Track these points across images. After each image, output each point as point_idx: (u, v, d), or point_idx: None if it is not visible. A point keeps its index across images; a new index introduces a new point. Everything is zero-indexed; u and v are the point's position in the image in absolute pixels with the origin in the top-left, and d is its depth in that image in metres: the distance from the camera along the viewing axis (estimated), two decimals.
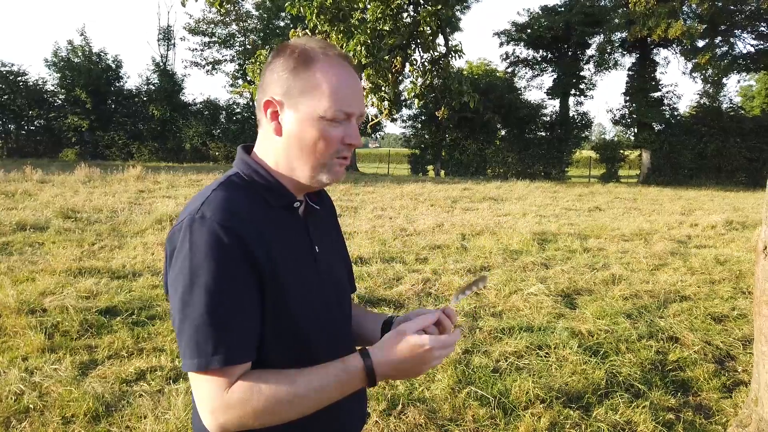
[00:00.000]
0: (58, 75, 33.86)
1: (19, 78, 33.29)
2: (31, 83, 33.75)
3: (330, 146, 1.09)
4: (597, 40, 29.54)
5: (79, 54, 34.23)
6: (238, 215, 1.03)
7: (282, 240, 1.10)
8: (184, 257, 0.99)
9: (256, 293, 1.03)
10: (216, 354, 0.97)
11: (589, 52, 30.96)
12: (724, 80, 28.55)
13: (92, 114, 33.18)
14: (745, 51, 27.16)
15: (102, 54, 34.93)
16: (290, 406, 1.01)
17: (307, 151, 1.09)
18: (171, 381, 3.55)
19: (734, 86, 47.96)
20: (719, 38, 26.63)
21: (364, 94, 7.19)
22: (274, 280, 1.05)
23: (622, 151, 29.70)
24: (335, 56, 1.09)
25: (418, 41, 7.85)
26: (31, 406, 3.15)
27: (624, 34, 26.64)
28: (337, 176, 1.14)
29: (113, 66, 35.08)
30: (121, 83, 35.56)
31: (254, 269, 1.02)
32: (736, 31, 26.26)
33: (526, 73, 32.96)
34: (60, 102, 34.31)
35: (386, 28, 7.35)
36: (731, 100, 31.30)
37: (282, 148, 1.11)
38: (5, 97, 32.98)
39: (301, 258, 1.14)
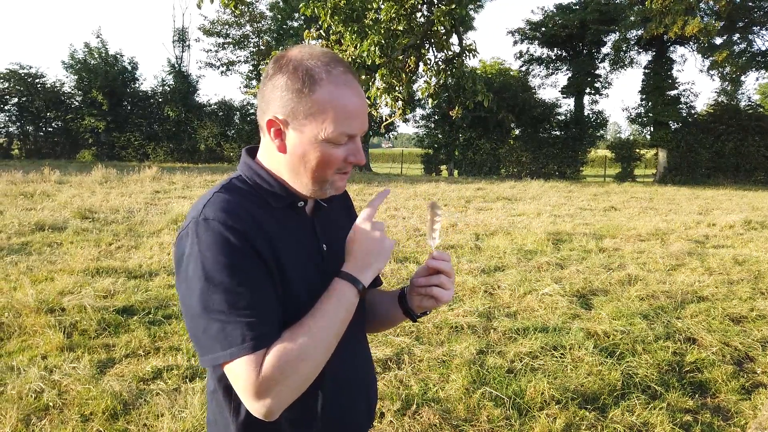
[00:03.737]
0: (75, 77, 34.32)
1: (37, 80, 33.77)
2: (49, 85, 34.23)
3: (332, 166, 1.12)
4: (612, 38, 29.26)
5: (96, 56, 34.63)
6: (239, 214, 1.06)
7: (285, 238, 1.12)
8: (195, 260, 1.02)
9: (270, 281, 1.06)
10: (245, 341, 1.00)
11: (605, 50, 30.71)
12: (743, 78, 28.12)
13: (109, 115, 33.56)
14: (763, 48, 26.91)
15: (118, 56, 35.35)
16: (315, 349, 1.04)
17: (310, 170, 1.12)
18: (187, 380, 3.58)
19: (753, 84, 47.31)
20: (737, 35, 26.25)
21: (378, 94, 7.19)
22: (279, 272, 1.08)
23: (637, 150, 29.41)
24: (339, 74, 1.09)
25: (432, 41, 7.82)
26: (50, 404, 3.19)
27: (640, 32, 26.35)
28: (339, 189, 1.17)
29: (129, 68, 35.47)
30: (137, 85, 35.98)
31: (261, 261, 1.05)
32: (754, 27, 25.86)
33: (541, 71, 32.79)
34: (77, 104, 34.74)
35: (400, 27, 7.34)
36: (750, 98, 31.11)
37: (285, 164, 1.14)
38: (24, 99, 33.49)
39: (306, 256, 1.16)
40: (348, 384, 1.23)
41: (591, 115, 31.07)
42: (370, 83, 7.42)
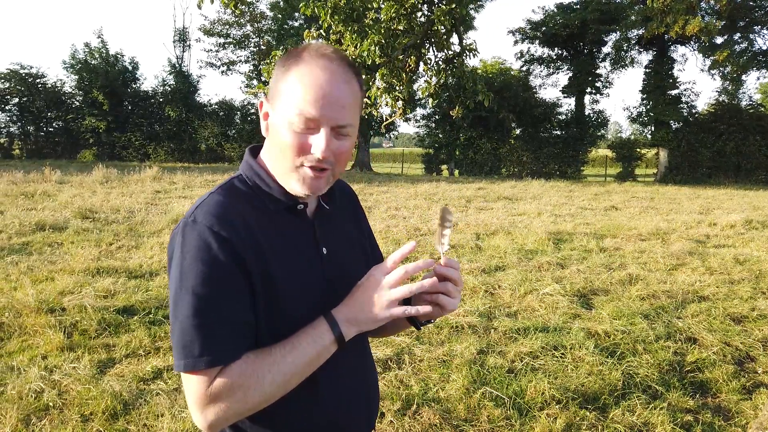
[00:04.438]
0: (76, 77, 34.31)
1: (38, 80, 33.78)
2: (50, 85, 34.23)
3: (295, 152, 1.05)
4: (613, 37, 29.27)
5: (96, 56, 34.63)
6: (229, 219, 1.03)
7: (280, 244, 1.09)
8: (176, 260, 1.02)
9: (246, 296, 1.03)
10: (202, 356, 0.98)
11: (605, 49, 30.71)
12: (744, 77, 28.13)
13: (109, 115, 33.57)
14: (764, 47, 26.86)
15: (119, 56, 35.34)
16: (272, 381, 1.02)
17: (280, 154, 1.08)
18: None
19: (754, 83, 47.19)
20: (738, 34, 26.23)
21: (378, 93, 7.18)
22: (268, 283, 1.05)
23: (638, 150, 29.40)
24: (322, 57, 1.04)
25: (432, 40, 7.82)
26: (50, 404, 3.19)
27: (641, 31, 26.34)
28: (311, 187, 1.08)
29: (130, 68, 35.46)
30: (138, 85, 35.93)
31: (244, 273, 1.02)
32: (755, 27, 25.84)
33: (541, 71, 32.77)
34: (78, 104, 34.75)
35: (400, 27, 7.34)
36: (751, 97, 30.93)
37: (268, 148, 1.13)
38: (24, 99, 33.50)
39: (303, 261, 1.13)
40: (346, 391, 1.20)
41: (592, 115, 31.06)
42: (371, 83, 7.41)
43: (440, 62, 8.10)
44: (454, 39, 8.11)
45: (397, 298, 1.06)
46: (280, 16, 35.96)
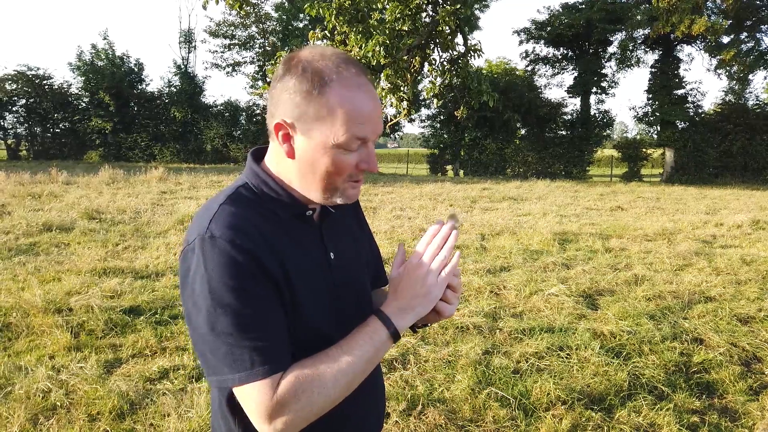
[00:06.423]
0: (82, 78, 34.48)
1: (45, 82, 33.97)
2: (56, 87, 34.43)
3: (343, 173, 1.07)
4: (619, 37, 29.12)
5: (103, 57, 34.81)
6: (246, 231, 1.02)
7: (293, 252, 1.09)
8: (201, 279, 0.99)
9: (278, 302, 1.03)
10: (255, 365, 0.98)
11: (611, 49, 30.56)
12: (750, 77, 27.90)
13: (115, 116, 33.72)
14: None
15: (125, 57, 35.49)
16: (335, 381, 1.02)
17: (320, 177, 1.07)
18: (194, 380, 3.60)
19: (761, 83, 46.78)
20: (745, 34, 26.07)
21: (383, 94, 7.20)
22: (289, 290, 1.05)
23: (644, 150, 29.26)
24: (351, 75, 1.03)
25: (437, 41, 7.83)
26: (58, 403, 3.21)
27: (646, 31, 26.22)
28: (351, 198, 1.12)
29: (136, 69, 35.61)
30: (144, 86, 36.09)
31: (271, 281, 1.02)
32: (762, 26, 25.69)
33: (547, 71, 32.67)
34: (84, 105, 34.92)
35: (405, 28, 7.35)
36: (757, 96, 30.58)
37: (294, 170, 1.09)
38: (31, 100, 33.72)
39: (315, 268, 1.13)
40: (357, 399, 1.18)
41: (597, 115, 30.93)
42: (375, 84, 7.43)
43: (445, 62, 8.10)
44: (459, 39, 8.12)
45: (443, 273, 1.12)
46: (284, 17, 36.03)
